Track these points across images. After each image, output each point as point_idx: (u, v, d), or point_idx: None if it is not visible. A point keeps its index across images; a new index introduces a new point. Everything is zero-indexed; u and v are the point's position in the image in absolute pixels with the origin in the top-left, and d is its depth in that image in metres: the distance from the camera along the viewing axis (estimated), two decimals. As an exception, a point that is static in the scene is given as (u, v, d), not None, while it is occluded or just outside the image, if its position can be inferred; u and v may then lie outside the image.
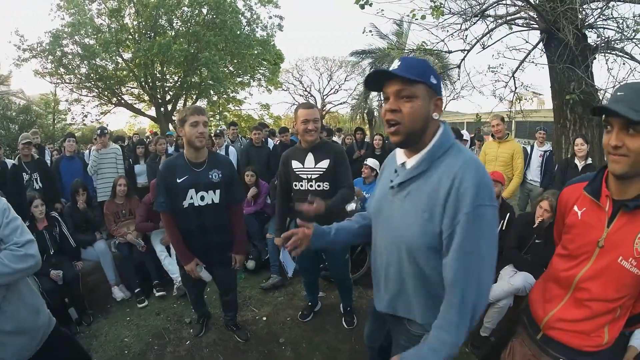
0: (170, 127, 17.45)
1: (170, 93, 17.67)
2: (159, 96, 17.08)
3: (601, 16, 4.50)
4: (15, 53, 14.65)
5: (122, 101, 17.43)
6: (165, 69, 16.59)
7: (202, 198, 2.24)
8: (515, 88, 5.69)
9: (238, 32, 16.01)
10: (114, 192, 3.73)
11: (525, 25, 5.09)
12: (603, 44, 4.52)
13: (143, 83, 16.54)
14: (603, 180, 1.18)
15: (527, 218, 2.87)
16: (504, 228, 3.00)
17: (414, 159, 1.15)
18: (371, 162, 4.04)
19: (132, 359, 2.67)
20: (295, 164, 2.47)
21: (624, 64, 4.63)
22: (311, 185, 2.42)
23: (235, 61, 17.50)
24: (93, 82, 15.52)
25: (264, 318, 3.11)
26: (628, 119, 0.98)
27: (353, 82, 25.24)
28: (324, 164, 2.40)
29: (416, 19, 4.72)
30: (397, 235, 1.16)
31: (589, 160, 4.04)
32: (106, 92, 16.48)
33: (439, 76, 1.13)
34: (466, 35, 5.14)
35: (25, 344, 1.44)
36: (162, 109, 17.33)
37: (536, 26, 4.89)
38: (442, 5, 4.73)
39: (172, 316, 3.19)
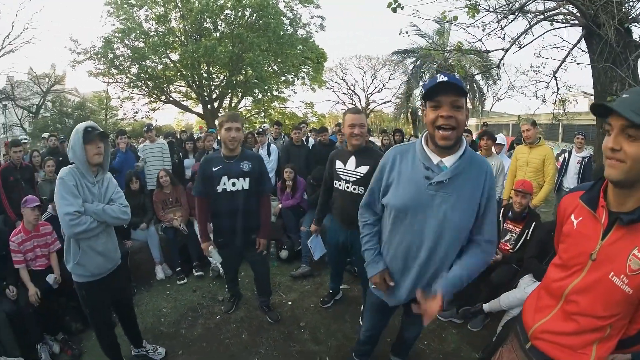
0: (217, 123, 18.25)
1: (217, 91, 18.40)
2: (205, 94, 17.87)
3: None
4: (70, 56, 15.96)
5: (171, 99, 18.45)
6: (211, 69, 17.35)
7: (234, 184, 2.58)
8: (558, 89, 5.46)
9: (281, 33, 16.38)
10: (159, 183, 4.14)
11: (565, 21, 4.87)
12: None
13: (190, 82, 17.41)
14: (601, 190, 1.13)
15: (550, 227, 2.68)
16: (528, 238, 2.95)
17: (451, 159, 1.42)
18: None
19: (167, 327, 3.02)
20: (338, 164, 2.57)
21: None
22: (347, 187, 2.50)
23: (279, 60, 17.88)
24: (143, 82, 16.55)
25: (290, 303, 3.34)
26: (628, 121, 0.93)
27: (397, 80, 24.64)
28: (363, 169, 2.44)
29: (447, 20, 4.70)
30: (454, 221, 1.42)
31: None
32: (155, 91, 17.51)
33: None
34: (504, 34, 4.99)
35: (104, 263, 2.14)
36: (208, 106, 18.13)
37: (576, 22, 4.67)
38: (478, 4, 4.66)
39: (207, 294, 3.52)
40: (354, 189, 2.48)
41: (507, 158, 4.62)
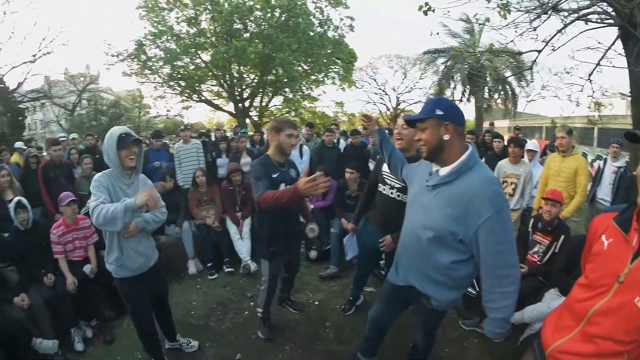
0: (248, 121, 18.56)
1: (248, 91, 18.69)
2: (236, 93, 18.20)
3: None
4: (104, 58, 16.68)
5: (202, 98, 18.93)
6: (242, 69, 17.57)
7: None
8: (593, 92, 5.23)
9: (311, 34, 16.46)
10: (195, 182, 4.32)
11: (599, 21, 4.63)
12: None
13: (222, 82, 17.80)
14: (635, 214, 1.11)
15: (579, 241, 2.52)
16: (556, 250, 2.89)
17: (446, 170, 1.54)
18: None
19: (196, 319, 3.17)
20: (385, 167, 2.49)
21: None
22: (391, 193, 2.45)
23: (309, 60, 17.94)
24: (175, 82, 17.02)
25: (317, 303, 3.43)
26: None
27: (428, 80, 23.97)
28: None
29: (479, 23, 4.63)
30: (429, 219, 1.57)
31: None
32: (187, 90, 17.98)
33: (447, 105, 1.53)
34: (537, 35, 4.79)
35: (145, 262, 2.29)
36: (239, 105, 18.50)
37: (612, 22, 4.43)
38: (509, 4, 4.52)
39: (237, 289, 3.66)
40: (398, 195, 2.42)
41: (539, 165, 4.33)
